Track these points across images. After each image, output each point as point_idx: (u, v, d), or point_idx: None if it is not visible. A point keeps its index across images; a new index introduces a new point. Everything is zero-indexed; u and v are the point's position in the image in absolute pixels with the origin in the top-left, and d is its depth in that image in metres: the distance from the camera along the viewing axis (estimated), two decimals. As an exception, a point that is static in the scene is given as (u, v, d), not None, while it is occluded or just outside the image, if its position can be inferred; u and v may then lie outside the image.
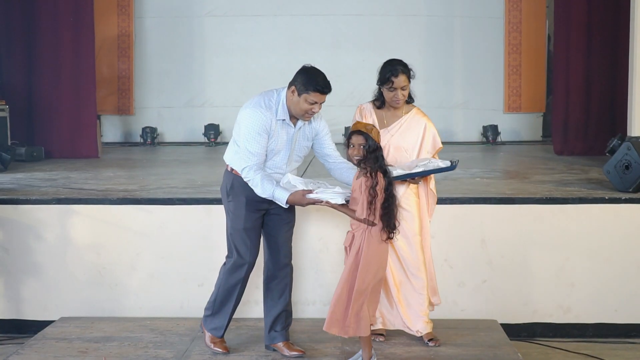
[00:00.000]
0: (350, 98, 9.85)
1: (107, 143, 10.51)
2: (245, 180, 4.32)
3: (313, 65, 4.42)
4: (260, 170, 4.29)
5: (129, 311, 5.52)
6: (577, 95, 8.80)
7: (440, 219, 5.39)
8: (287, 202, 4.23)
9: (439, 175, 6.57)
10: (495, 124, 10.60)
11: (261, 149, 4.30)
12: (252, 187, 4.30)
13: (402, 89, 4.55)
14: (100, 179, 6.90)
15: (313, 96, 4.25)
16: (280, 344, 4.58)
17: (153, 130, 10.81)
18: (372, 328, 4.78)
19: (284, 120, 4.35)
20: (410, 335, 4.79)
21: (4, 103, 8.53)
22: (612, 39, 8.52)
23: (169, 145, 10.76)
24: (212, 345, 4.59)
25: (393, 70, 4.53)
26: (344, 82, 10.34)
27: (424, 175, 4.59)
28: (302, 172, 4.72)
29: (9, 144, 8.36)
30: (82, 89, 8.88)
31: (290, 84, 4.34)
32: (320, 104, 4.30)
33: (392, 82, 4.52)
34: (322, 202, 4.16)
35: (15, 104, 8.70)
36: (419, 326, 4.71)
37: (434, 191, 4.79)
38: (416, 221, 4.69)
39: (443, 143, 4.88)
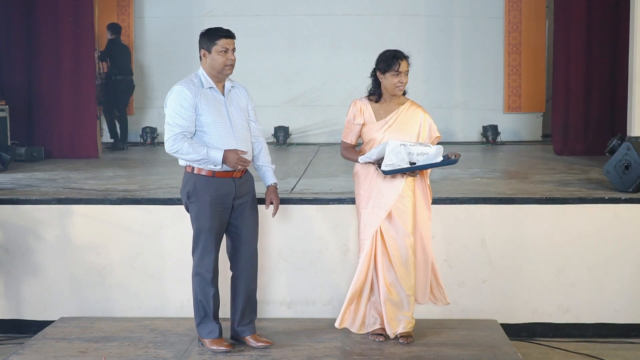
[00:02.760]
0: (350, 98, 9.88)
1: (107, 143, 10.50)
2: (172, 152, 4.42)
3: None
4: (186, 138, 4.38)
5: (129, 311, 5.52)
6: (577, 95, 8.79)
7: (440, 219, 5.39)
8: (222, 161, 4.34)
9: (438, 175, 6.60)
10: (495, 124, 10.60)
11: (184, 122, 4.40)
12: (182, 155, 4.41)
13: (405, 74, 4.64)
14: (100, 179, 6.90)
15: (222, 44, 4.42)
16: (248, 337, 4.67)
17: (153, 130, 10.81)
18: (372, 328, 4.79)
19: (211, 88, 4.48)
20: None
21: (3, 103, 8.53)
22: (612, 39, 8.51)
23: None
24: (214, 347, 4.60)
25: (397, 54, 4.64)
26: (344, 82, 10.37)
27: (423, 168, 4.60)
28: (303, 172, 4.73)
29: (9, 144, 8.35)
30: (82, 88, 8.87)
31: (199, 52, 4.50)
32: (233, 51, 4.44)
33: (399, 65, 4.60)
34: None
35: (15, 104, 8.70)
36: (401, 327, 4.71)
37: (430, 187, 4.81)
38: (410, 221, 4.68)
39: (443, 143, 4.89)
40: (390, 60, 4.61)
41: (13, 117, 8.61)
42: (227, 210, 4.52)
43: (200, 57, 4.50)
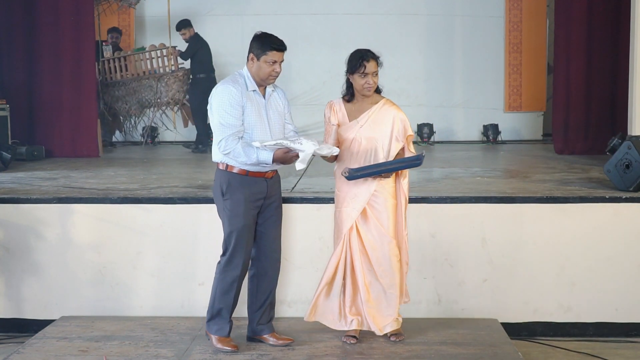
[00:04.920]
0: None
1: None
2: (224, 153, 4.39)
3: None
4: (238, 139, 4.37)
5: (130, 310, 5.53)
6: (578, 94, 8.79)
7: (441, 218, 5.39)
8: (273, 161, 4.33)
9: (439, 174, 6.60)
10: (496, 123, 10.60)
11: (235, 121, 4.38)
12: (234, 158, 4.38)
13: (373, 74, 4.60)
14: (101, 178, 6.90)
15: (271, 55, 4.43)
16: (267, 336, 4.68)
17: (154, 129, 10.81)
18: (349, 328, 4.74)
19: (254, 91, 4.48)
20: (411, 334, 4.80)
21: (4, 102, 8.53)
22: (613, 38, 8.51)
23: (170, 145, 10.76)
24: (220, 346, 4.59)
25: (364, 56, 4.61)
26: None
27: (390, 171, 4.56)
28: (303, 172, 4.74)
29: (10, 143, 8.36)
30: (83, 88, 8.88)
31: (248, 54, 4.48)
32: (280, 63, 4.47)
33: (364, 67, 4.58)
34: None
35: (16, 103, 8.71)
36: (388, 326, 4.70)
37: (405, 190, 4.71)
38: (391, 223, 4.64)
39: (444, 142, 4.87)
40: (356, 62, 4.60)
41: (14, 116, 8.62)
42: (257, 209, 4.53)
43: (247, 58, 4.48)
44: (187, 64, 10.17)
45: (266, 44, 4.43)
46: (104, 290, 5.55)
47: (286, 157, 4.34)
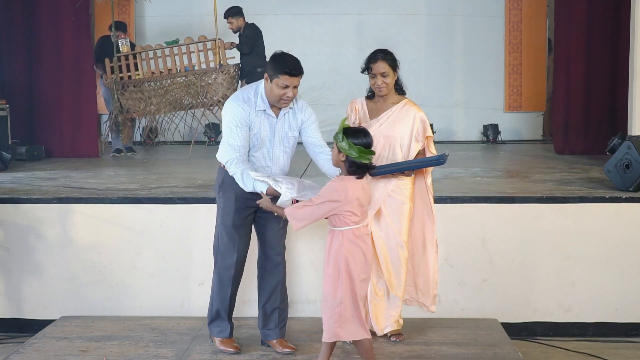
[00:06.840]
0: (351, 97, 9.90)
1: (107, 142, 10.49)
2: (230, 174, 4.34)
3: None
4: (242, 163, 4.30)
5: (130, 310, 5.52)
6: (578, 94, 8.80)
7: (441, 218, 5.38)
8: (267, 194, 4.24)
9: (439, 174, 6.60)
10: (496, 123, 10.61)
11: (241, 142, 4.31)
12: (237, 181, 4.33)
13: (382, 75, 4.58)
14: (100, 178, 6.90)
15: (283, 80, 4.21)
16: (274, 341, 4.62)
17: (153, 129, 10.79)
18: None
19: (264, 110, 4.35)
20: (411, 334, 4.80)
21: (4, 102, 8.54)
22: (613, 38, 8.51)
23: (170, 145, 10.75)
24: (222, 347, 4.59)
25: (372, 57, 4.62)
26: (345, 81, 10.37)
27: (413, 169, 4.58)
28: (303, 172, 4.74)
29: (10, 143, 8.36)
30: (83, 88, 8.88)
31: (265, 73, 4.33)
32: (294, 87, 4.26)
33: (371, 68, 4.59)
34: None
35: (16, 103, 8.72)
36: (389, 326, 4.73)
37: (432, 189, 4.76)
38: (405, 228, 4.64)
39: (444, 142, 4.87)
40: (365, 63, 4.63)
41: (14, 116, 8.63)
42: (252, 210, 4.47)
43: (264, 76, 4.32)
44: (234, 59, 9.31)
45: (279, 66, 4.21)
46: (103, 290, 5.55)
47: (276, 194, 4.22)
